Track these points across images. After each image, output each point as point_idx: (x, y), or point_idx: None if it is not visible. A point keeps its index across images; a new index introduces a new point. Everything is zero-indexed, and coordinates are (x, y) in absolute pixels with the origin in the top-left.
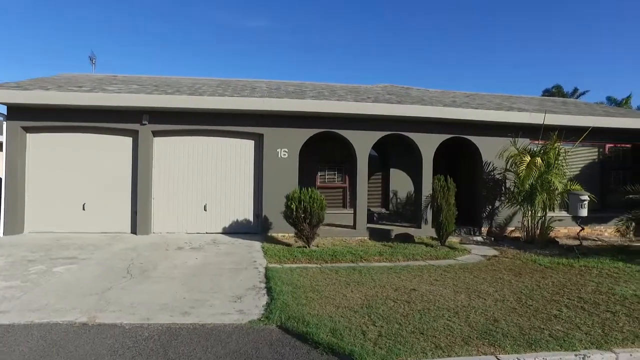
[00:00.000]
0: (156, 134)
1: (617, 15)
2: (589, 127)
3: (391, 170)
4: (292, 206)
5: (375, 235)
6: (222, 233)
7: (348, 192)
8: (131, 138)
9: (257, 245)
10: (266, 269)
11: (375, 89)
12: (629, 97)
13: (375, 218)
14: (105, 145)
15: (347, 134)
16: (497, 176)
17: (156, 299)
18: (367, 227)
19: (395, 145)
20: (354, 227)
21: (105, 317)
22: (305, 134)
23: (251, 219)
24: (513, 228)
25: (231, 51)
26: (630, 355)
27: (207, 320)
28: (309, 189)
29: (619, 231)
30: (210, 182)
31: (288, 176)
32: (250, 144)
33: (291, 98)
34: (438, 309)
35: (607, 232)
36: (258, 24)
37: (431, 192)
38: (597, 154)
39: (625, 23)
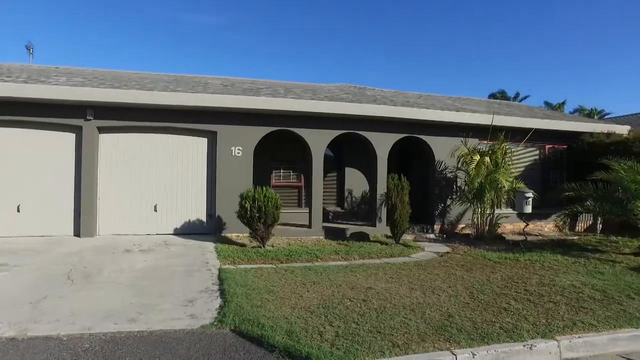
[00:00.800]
0: (102, 130)
1: (553, 27)
2: (532, 128)
3: (347, 169)
4: (246, 205)
5: (331, 234)
6: (173, 234)
7: (304, 191)
8: (74, 134)
9: (210, 246)
10: (219, 270)
11: (331, 88)
12: (563, 102)
13: (330, 217)
14: (46, 141)
15: (302, 132)
16: (449, 175)
17: (100, 306)
18: (323, 226)
19: (351, 144)
20: (309, 226)
21: (39, 329)
22: (260, 132)
23: (204, 219)
24: (464, 225)
25: (187, 49)
26: (570, 341)
27: (155, 326)
28: (264, 188)
29: (557, 226)
30: (161, 181)
31: (242, 175)
32: (203, 142)
33: (246, 95)
34: (394, 306)
35: (547, 228)
36: (215, 21)
37: (386, 190)
38: (538, 154)
39: (559, 34)
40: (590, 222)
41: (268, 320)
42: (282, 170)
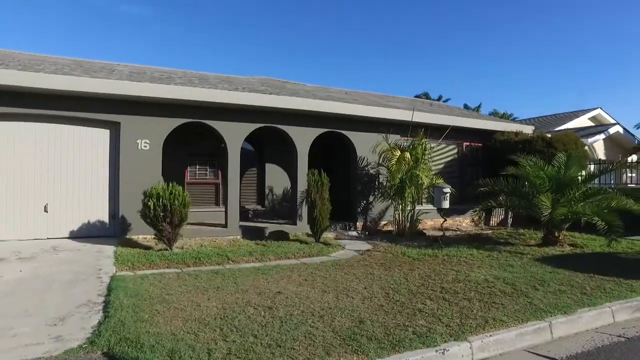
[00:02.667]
0: None
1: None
2: (450, 125)
3: (267, 165)
4: (149, 204)
5: (249, 233)
6: (69, 238)
7: (221, 189)
8: None
9: (109, 250)
10: (112, 278)
11: (251, 80)
12: (479, 106)
13: (250, 215)
14: None
15: (217, 125)
16: (371, 171)
17: None
18: (240, 225)
19: (272, 139)
20: (225, 225)
21: None
22: (170, 123)
23: (106, 220)
24: (386, 222)
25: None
26: (482, 341)
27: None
28: (170, 184)
29: (473, 221)
30: (54, 177)
31: (150, 171)
32: (104, 134)
33: (154, 83)
34: (302, 313)
35: (464, 223)
36: (141, 12)
37: (306, 187)
38: (456, 151)
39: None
40: (502, 216)
41: (151, 338)
42: (197, 167)
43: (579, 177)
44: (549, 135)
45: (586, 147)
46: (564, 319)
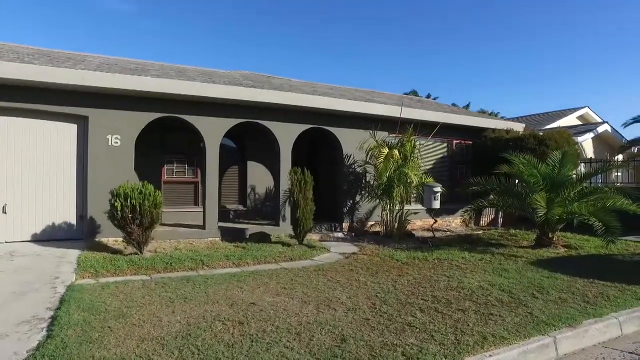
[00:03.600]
0: None
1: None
2: (440, 122)
3: (249, 162)
4: (116, 204)
5: (229, 235)
6: (31, 241)
7: (200, 188)
8: None
9: (73, 255)
10: (69, 288)
11: (233, 74)
12: (468, 105)
13: (231, 216)
14: None
15: (194, 120)
16: (358, 169)
17: None
18: (220, 227)
19: (254, 135)
20: (203, 227)
21: None
22: (143, 118)
23: (74, 221)
24: (373, 222)
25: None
26: None
27: None
28: (141, 183)
29: (464, 221)
30: (14, 175)
31: (121, 168)
32: (72, 129)
33: (125, 74)
34: (277, 330)
35: (454, 223)
36: (126, 7)
37: (289, 186)
38: (446, 149)
39: (468, 49)
40: (493, 216)
41: None
42: (175, 164)
43: (574, 176)
44: (541, 133)
45: (577, 146)
46: (570, 332)
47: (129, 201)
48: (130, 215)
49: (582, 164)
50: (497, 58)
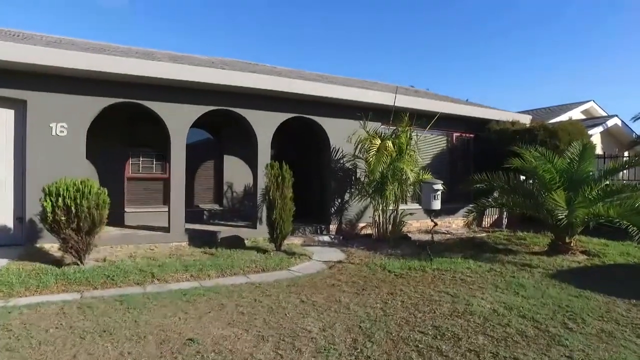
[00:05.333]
0: None
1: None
2: (439, 112)
3: (226, 157)
4: (46, 205)
5: (198, 239)
6: None
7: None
8: None
9: None
10: None
11: (212, 59)
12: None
13: (205, 216)
14: None
15: (157, 107)
16: (348, 164)
17: None
18: (188, 229)
19: (232, 127)
20: (168, 230)
21: None
22: (96, 104)
23: (10, 224)
24: (365, 224)
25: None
26: None
27: None
28: (82, 180)
29: (466, 224)
30: None
31: (68, 162)
32: (8, 115)
33: (71, 51)
34: None
35: (455, 224)
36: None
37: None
38: (446, 142)
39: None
40: (496, 216)
41: None
42: (142, 159)
43: (594, 172)
44: (552, 124)
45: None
46: None
47: (61, 201)
48: (63, 218)
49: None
50: (499, 51)
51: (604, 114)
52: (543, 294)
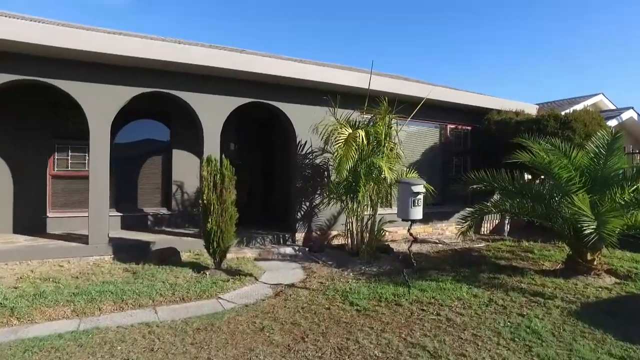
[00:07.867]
0: None
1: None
2: (424, 97)
3: (175, 152)
4: None
5: (126, 251)
6: None
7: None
8: None
9: None
10: None
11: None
12: None
13: (150, 222)
14: None
15: (71, 87)
16: (317, 160)
17: None
18: (115, 239)
19: (182, 116)
20: (87, 241)
21: None
22: None
23: None
24: (337, 232)
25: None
26: None
27: None
28: None
29: (462, 233)
30: None
31: None
32: None
33: None
34: None
35: (448, 230)
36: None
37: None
38: (438, 136)
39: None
40: (497, 221)
41: None
42: (70, 153)
43: (626, 170)
44: (564, 113)
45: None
46: None
47: None
48: None
49: None
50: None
51: (614, 108)
52: (570, 352)
